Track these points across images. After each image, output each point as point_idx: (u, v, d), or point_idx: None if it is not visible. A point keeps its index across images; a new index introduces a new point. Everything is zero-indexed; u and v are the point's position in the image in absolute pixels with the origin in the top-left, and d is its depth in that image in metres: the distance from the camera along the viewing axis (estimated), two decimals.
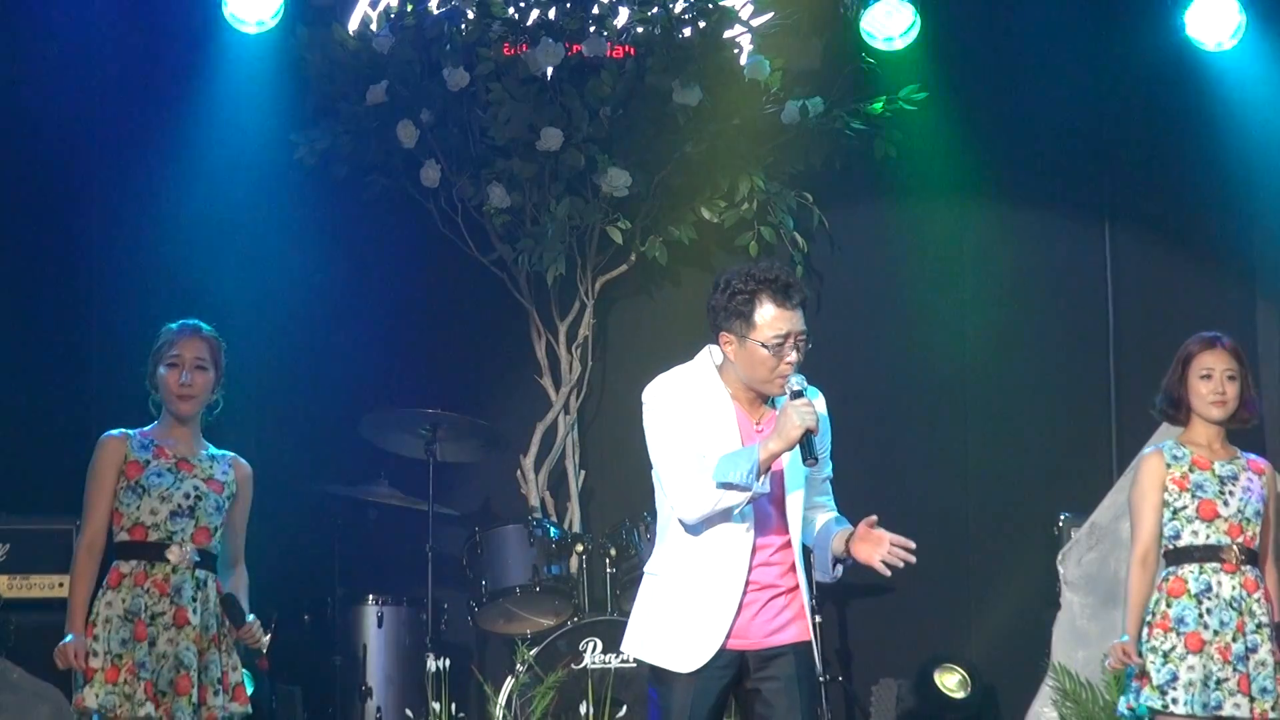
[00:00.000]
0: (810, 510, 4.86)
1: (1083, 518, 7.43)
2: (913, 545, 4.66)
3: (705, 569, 4.73)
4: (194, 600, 5.48)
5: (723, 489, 4.61)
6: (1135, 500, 5.87)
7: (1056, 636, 7.28)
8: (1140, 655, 5.72)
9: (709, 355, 4.84)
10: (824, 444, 4.81)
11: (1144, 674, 5.72)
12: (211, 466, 5.61)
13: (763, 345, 4.70)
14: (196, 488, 5.54)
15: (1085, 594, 7.24)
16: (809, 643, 4.79)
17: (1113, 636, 6.95)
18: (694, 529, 4.74)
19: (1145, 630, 5.76)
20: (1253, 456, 5.91)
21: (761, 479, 4.59)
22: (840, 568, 4.81)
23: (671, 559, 4.79)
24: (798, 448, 4.63)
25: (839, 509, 4.94)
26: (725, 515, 4.70)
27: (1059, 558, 7.40)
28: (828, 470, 4.92)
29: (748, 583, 4.72)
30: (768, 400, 4.81)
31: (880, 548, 4.67)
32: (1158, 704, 5.65)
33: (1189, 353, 5.86)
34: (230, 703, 5.51)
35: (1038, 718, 7.24)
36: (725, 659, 4.73)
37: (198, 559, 5.52)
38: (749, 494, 4.60)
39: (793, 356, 4.70)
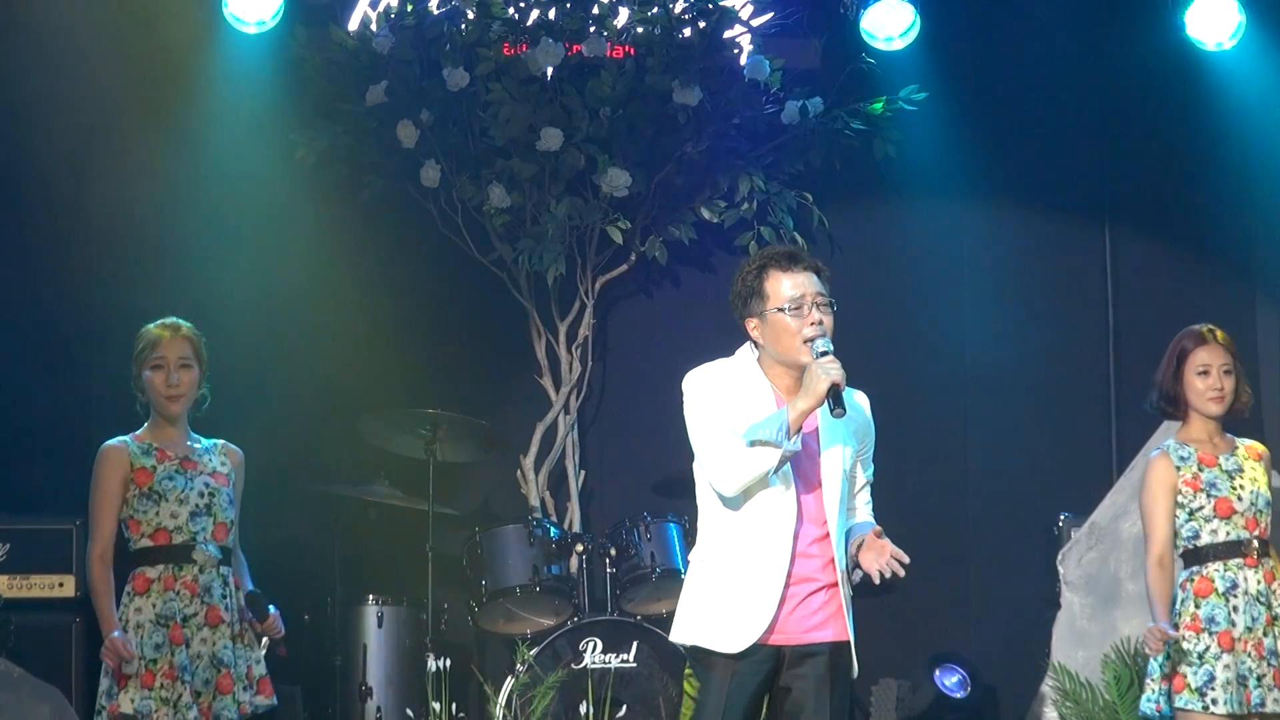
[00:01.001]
0: (848, 511, 4.88)
1: (1083, 518, 7.43)
2: (907, 560, 4.67)
3: (750, 556, 4.74)
4: (224, 598, 5.51)
5: (755, 448, 4.61)
6: (1147, 505, 5.81)
7: (1056, 636, 7.27)
8: (1170, 648, 5.63)
9: (749, 349, 4.87)
10: (867, 446, 4.89)
11: (1175, 677, 5.66)
12: (210, 459, 5.63)
13: (779, 310, 4.73)
14: (207, 484, 5.57)
15: (1085, 594, 7.23)
16: (847, 643, 4.80)
17: (1113, 637, 6.99)
18: (733, 504, 4.74)
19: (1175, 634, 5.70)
20: (1249, 442, 5.88)
21: (794, 438, 4.60)
22: (858, 573, 4.83)
23: (716, 547, 4.80)
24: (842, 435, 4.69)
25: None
26: (765, 499, 4.70)
27: (1059, 558, 7.40)
28: (869, 474, 4.95)
29: (790, 574, 4.72)
30: None
31: (881, 557, 4.69)
32: (1197, 706, 5.59)
33: (1183, 348, 5.82)
34: (256, 696, 5.54)
35: (1038, 718, 7.23)
36: (764, 653, 4.74)
37: (220, 556, 5.54)
38: (780, 452, 4.60)
39: (815, 316, 4.73)
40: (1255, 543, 5.71)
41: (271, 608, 5.67)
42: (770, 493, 4.73)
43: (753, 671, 4.74)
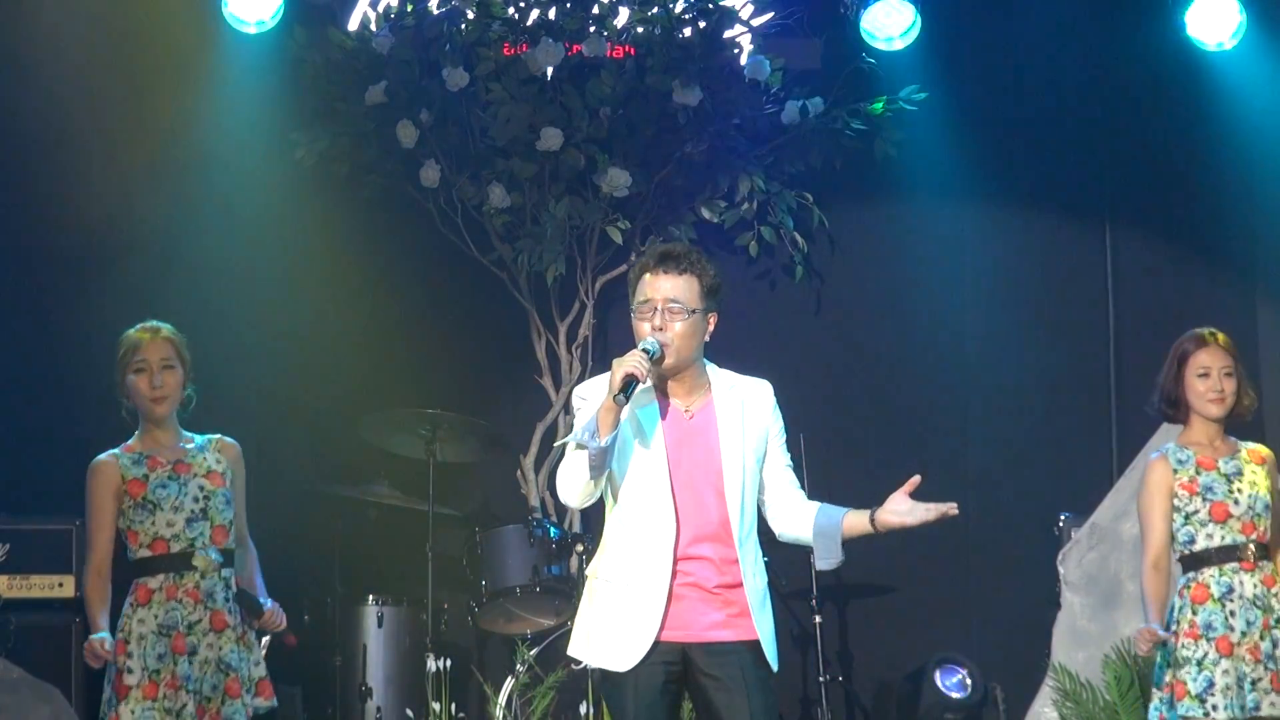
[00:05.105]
0: (785, 501, 4.78)
1: (1083, 518, 7.43)
2: (953, 510, 4.68)
3: (633, 566, 4.66)
4: (227, 602, 5.50)
5: (578, 449, 4.57)
6: (1144, 508, 5.81)
7: (1056, 636, 7.27)
8: (1170, 655, 5.64)
9: None
10: (775, 435, 4.77)
11: (1175, 684, 5.65)
12: (204, 458, 5.59)
13: (634, 311, 4.71)
14: (202, 487, 5.54)
15: (1086, 594, 7.23)
16: (757, 641, 4.67)
17: (1113, 637, 6.99)
18: (616, 515, 4.70)
19: (1173, 640, 5.68)
20: (1252, 446, 5.86)
21: (604, 438, 4.52)
22: (843, 554, 4.71)
23: (603, 560, 4.75)
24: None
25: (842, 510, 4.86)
26: (641, 503, 4.64)
27: (1059, 558, 7.40)
28: (787, 460, 4.83)
29: (674, 574, 4.63)
30: (703, 389, 4.77)
31: (928, 512, 4.68)
32: (1198, 712, 5.57)
33: (1184, 351, 5.82)
34: (256, 698, 5.52)
35: (1038, 718, 7.23)
36: (664, 651, 4.63)
37: (220, 559, 5.52)
38: (587, 451, 4.54)
39: (658, 321, 4.65)
40: (1252, 546, 5.69)
41: (267, 601, 5.63)
42: (645, 497, 4.67)
43: (655, 674, 4.62)
